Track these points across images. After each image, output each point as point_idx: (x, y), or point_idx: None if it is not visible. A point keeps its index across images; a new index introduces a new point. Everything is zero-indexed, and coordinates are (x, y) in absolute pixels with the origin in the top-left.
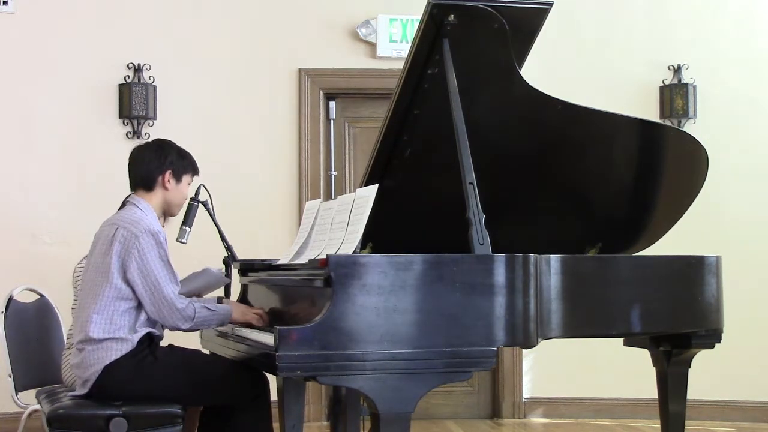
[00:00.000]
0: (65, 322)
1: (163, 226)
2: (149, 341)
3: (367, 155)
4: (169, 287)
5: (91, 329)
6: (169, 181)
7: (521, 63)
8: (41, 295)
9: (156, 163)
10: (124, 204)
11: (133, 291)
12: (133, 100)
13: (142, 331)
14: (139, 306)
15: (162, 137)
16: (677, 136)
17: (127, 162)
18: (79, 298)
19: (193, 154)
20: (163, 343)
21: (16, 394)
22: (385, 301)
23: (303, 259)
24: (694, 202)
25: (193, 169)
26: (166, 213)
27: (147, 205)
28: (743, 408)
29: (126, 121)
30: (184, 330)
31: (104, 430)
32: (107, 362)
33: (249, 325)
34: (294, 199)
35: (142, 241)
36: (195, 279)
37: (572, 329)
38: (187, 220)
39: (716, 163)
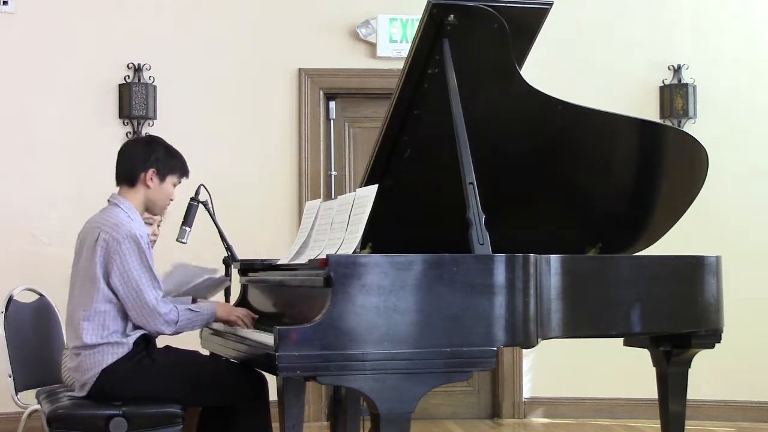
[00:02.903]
0: (65, 322)
1: (157, 223)
2: (145, 343)
3: (367, 155)
4: (151, 293)
5: (84, 335)
6: (152, 179)
7: (521, 63)
8: (41, 295)
9: (141, 159)
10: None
11: (117, 296)
12: (133, 100)
13: (136, 333)
14: None
15: (163, 138)
16: (677, 136)
17: None
18: (69, 303)
19: (192, 154)
20: (161, 344)
21: (16, 394)
22: (385, 301)
23: (303, 259)
24: (694, 202)
25: (181, 170)
26: (149, 212)
27: (129, 205)
28: (743, 408)
29: (126, 121)
30: (168, 334)
31: (104, 430)
32: (104, 366)
33: (235, 325)
34: (294, 199)
35: (124, 247)
36: (203, 285)
37: (572, 329)
38: (187, 220)
39: (716, 163)
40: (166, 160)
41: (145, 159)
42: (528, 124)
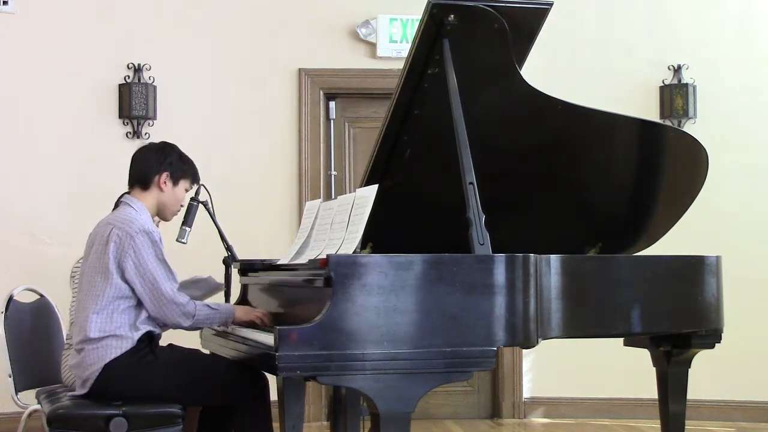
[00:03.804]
0: (65, 322)
1: (156, 224)
2: (149, 340)
3: (367, 155)
4: (168, 285)
5: (90, 329)
6: (165, 182)
7: (521, 63)
8: (41, 295)
9: (155, 162)
10: (117, 204)
11: (133, 290)
12: (133, 100)
13: (143, 329)
14: (139, 304)
15: (164, 138)
16: (677, 136)
17: (128, 162)
18: (78, 300)
19: (193, 154)
20: (163, 343)
21: (16, 394)
22: (385, 301)
23: (303, 259)
24: (694, 202)
25: (193, 176)
26: (159, 216)
27: (141, 205)
28: (743, 408)
29: (126, 121)
30: (185, 328)
31: (104, 430)
32: (107, 360)
33: (252, 325)
34: (294, 199)
35: (137, 241)
36: (195, 285)
37: (572, 329)
38: (187, 220)
39: (716, 163)
40: (180, 165)
41: (160, 162)
42: (528, 124)
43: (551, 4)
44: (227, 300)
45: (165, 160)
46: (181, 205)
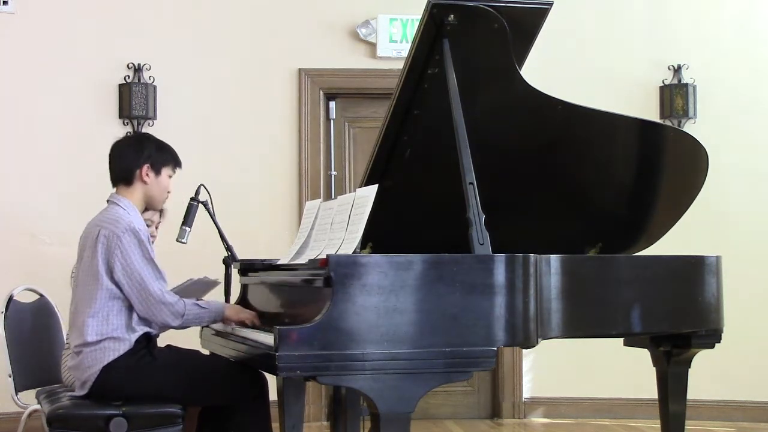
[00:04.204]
0: (65, 322)
1: (156, 225)
2: (147, 341)
3: (367, 155)
4: (155, 284)
5: (88, 333)
6: (147, 174)
7: (521, 63)
8: (41, 295)
9: (134, 157)
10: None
11: (122, 290)
12: (133, 100)
13: (140, 330)
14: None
15: (164, 138)
16: (677, 136)
17: None
18: (74, 303)
19: (192, 154)
20: (162, 343)
21: (16, 394)
22: (385, 301)
23: (303, 259)
24: (694, 202)
25: (174, 162)
26: (149, 207)
27: (128, 203)
28: (743, 408)
29: (126, 121)
30: (174, 327)
31: (104, 430)
32: (105, 363)
33: (242, 324)
34: (294, 199)
35: (124, 241)
36: (192, 287)
37: (572, 329)
38: (187, 220)
39: (716, 163)
40: (159, 154)
41: (138, 156)
42: (528, 124)
43: (551, 4)
44: (227, 299)
45: (143, 152)
46: (168, 192)
